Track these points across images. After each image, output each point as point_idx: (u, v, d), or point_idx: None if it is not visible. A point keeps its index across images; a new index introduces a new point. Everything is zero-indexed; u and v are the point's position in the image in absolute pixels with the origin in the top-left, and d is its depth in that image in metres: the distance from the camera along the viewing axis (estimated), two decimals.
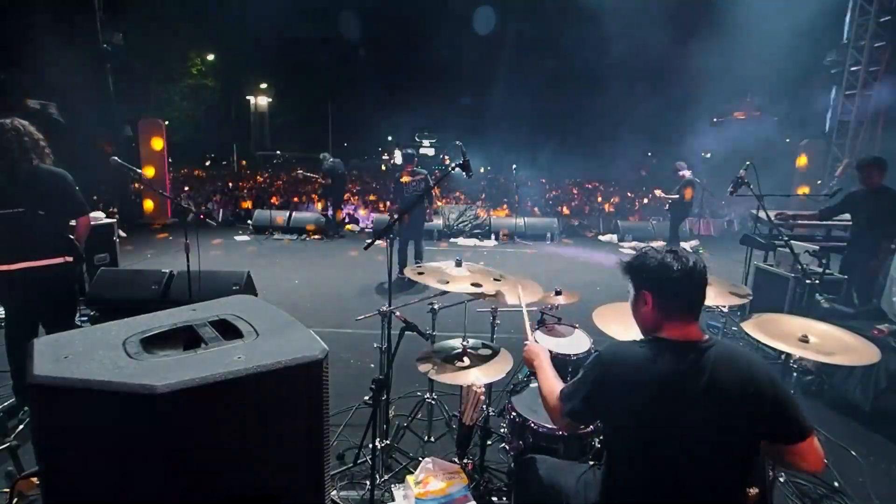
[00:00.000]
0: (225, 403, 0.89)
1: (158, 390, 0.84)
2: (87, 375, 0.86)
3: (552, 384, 1.61)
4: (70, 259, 2.86)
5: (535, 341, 2.11)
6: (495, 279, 2.47)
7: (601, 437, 1.98)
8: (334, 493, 2.36)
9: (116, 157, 3.77)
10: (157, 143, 10.37)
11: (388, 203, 11.68)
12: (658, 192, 8.20)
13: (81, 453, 0.87)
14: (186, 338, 1.07)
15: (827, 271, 4.17)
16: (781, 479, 2.39)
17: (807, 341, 2.10)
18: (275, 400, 0.95)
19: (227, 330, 1.10)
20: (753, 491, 1.89)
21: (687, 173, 7.84)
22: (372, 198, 13.60)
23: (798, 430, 1.31)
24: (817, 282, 3.28)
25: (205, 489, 0.89)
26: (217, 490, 0.91)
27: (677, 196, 7.84)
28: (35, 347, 0.96)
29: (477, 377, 2.21)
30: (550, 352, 2.46)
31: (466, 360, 2.33)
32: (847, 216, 4.80)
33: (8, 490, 2.17)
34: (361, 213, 11.92)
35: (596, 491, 1.51)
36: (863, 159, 4.48)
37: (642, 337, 1.48)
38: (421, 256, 6.52)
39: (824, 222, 5.33)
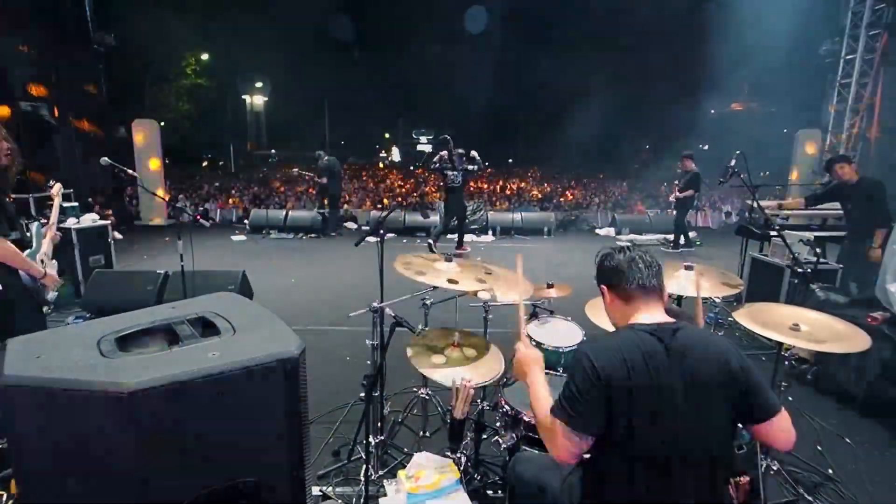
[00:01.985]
0: (198, 400, 0.89)
1: (129, 388, 0.83)
2: (58, 375, 0.85)
3: (544, 406, 1.43)
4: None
5: (529, 337, 2.08)
6: (486, 273, 2.46)
7: None
8: (329, 488, 2.36)
9: (107, 158, 3.75)
10: (154, 164, 10.32)
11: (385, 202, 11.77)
12: (676, 194, 8.05)
13: (54, 452, 0.86)
14: (163, 335, 1.06)
15: (822, 260, 4.16)
16: (775, 468, 2.38)
17: (798, 330, 2.10)
18: (250, 396, 0.94)
19: (206, 327, 1.09)
20: (744, 479, 1.89)
21: (692, 165, 7.82)
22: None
23: (769, 406, 1.33)
24: (809, 271, 3.26)
25: (181, 487, 0.88)
26: (194, 487, 0.90)
27: (691, 191, 7.82)
28: (8, 347, 0.95)
29: (466, 372, 2.20)
30: (542, 345, 2.48)
31: (459, 353, 2.32)
32: (832, 205, 4.85)
33: (3, 493, 2.17)
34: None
35: (580, 492, 1.49)
36: (829, 160, 4.60)
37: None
38: (461, 238, 8.14)
39: (809, 210, 5.33)
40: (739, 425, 1.85)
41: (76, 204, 5.79)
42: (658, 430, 1.28)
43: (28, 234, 2.66)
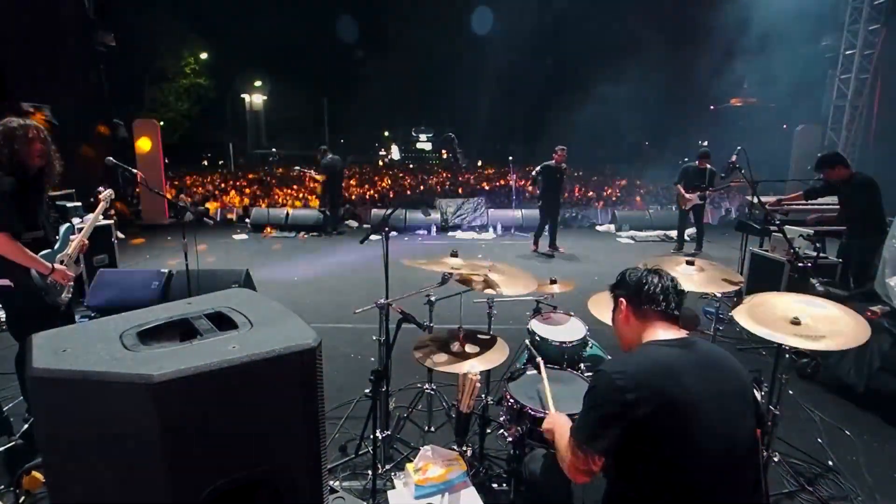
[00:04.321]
0: (220, 391, 0.92)
1: (155, 379, 0.86)
2: (85, 367, 0.88)
3: (565, 434, 1.44)
4: (9, 284, 2.44)
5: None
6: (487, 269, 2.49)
7: None
8: (337, 483, 2.39)
9: (112, 158, 3.77)
10: (145, 144, 10.37)
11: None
12: (709, 193, 7.51)
13: (82, 442, 0.90)
14: (182, 330, 1.10)
15: (822, 255, 4.18)
16: (776, 459, 2.42)
17: (799, 323, 2.11)
18: (269, 387, 0.97)
19: (223, 321, 1.12)
20: None
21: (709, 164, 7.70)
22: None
23: (763, 417, 1.48)
24: (809, 265, 3.29)
25: (203, 475, 0.91)
26: (215, 475, 0.94)
27: (727, 185, 7.69)
28: (34, 342, 0.98)
29: (472, 365, 2.23)
30: (546, 339, 2.51)
31: (464, 348, 2.35)
32: (832, 199, 4.84)
33: (16, 488, 2.21)
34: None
35: (598, 495, 1.46)
36: (818, 161, 4.47)
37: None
38: (553, 239, 8.16)
39: (809, 203, 5.34)
40: None
41: (79, 204, 5.81)
42: (695, 443, 1.24)
43: (56, 234, 2.69)
